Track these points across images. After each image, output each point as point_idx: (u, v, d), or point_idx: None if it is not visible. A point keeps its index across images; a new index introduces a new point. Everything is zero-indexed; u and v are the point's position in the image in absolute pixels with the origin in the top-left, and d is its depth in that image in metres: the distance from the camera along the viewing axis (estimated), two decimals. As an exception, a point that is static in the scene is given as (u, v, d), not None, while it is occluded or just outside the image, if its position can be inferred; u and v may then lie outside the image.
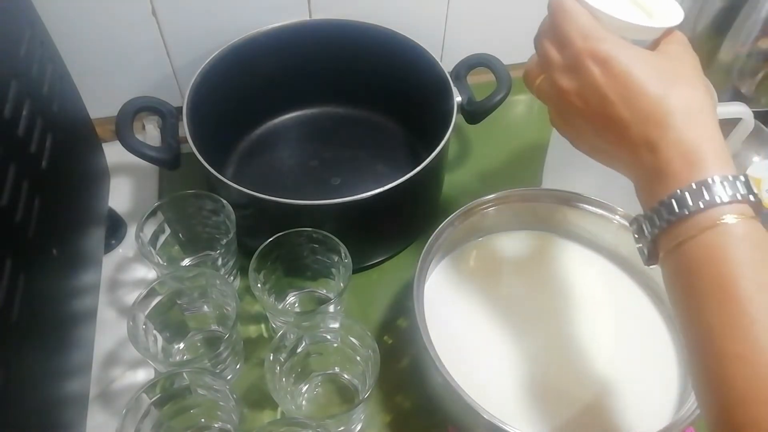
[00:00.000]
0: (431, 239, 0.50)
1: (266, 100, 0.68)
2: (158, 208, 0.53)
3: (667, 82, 0.31)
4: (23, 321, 0.35)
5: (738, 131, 0.57)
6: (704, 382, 0.29)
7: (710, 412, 0.29)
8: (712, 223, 0.28)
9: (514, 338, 0.51)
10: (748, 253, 0.28)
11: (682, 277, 0.30)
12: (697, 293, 0.29)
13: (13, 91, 0.39)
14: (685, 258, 0.29)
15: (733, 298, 0.27)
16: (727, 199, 0.28)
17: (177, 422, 0.46)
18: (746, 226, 0.28)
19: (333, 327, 0.49)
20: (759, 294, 0.27)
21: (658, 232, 0.30)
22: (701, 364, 0.29)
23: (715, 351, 0.28)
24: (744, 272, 0.28)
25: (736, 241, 0.28)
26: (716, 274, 0.28)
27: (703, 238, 0.28)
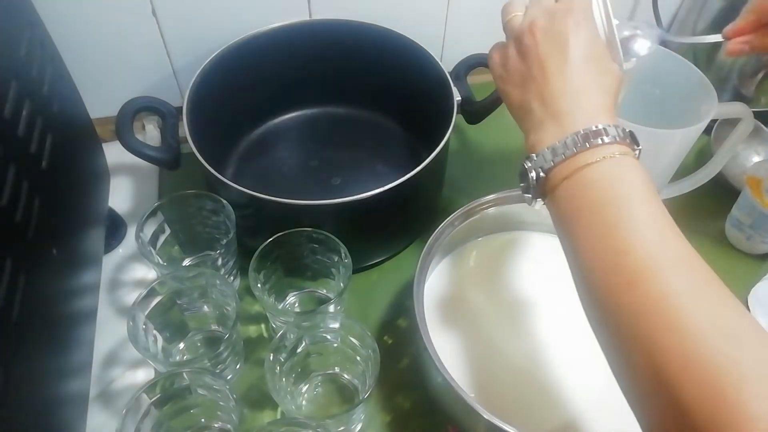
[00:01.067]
0: (431, 239, 0.50)
1: (266, 100, 0.68)
2: (158, 208, 0.53)
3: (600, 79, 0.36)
4: (23, 321, 0.35)
5: (738, 131, 0.57)
6: (596, 290, 0.32)
7: (604, 325, 0.32)
8: (598, 156, 0.33)
9: (514, 338, 0.51)
10: (632, 177, 0.33)
11: (570, 203, 0.34)
12: (584, 213, 0.33)
13: (13, 91, 0.39)
14: (573, 187, 0.33)
15: (619, 207, 0.31)
16: (617, 139, 0.33)
17: (177, 422, 0.46)
18: (629, 160, 0.33)
19: (333, 327, 0.49)
20: (640, 202, 0.31)
21: (553, 165, 0.34)
22: (591, 277, 0.32)
23: (603, 255, 0.31)
24: (628, 189, 0.32)
25: (620, 168, 0.33)
26: (602, 192, 0.32)
27: (592, 167, 0.33)
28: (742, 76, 0.69)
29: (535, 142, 0.36)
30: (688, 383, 0.26)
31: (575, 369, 0.49)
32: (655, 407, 0.28)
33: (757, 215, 0.59)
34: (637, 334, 0.29)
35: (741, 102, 0.55)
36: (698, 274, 0.29)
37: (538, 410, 0.47)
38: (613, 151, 0.33)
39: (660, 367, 0.28)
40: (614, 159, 0.33)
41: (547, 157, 0.34)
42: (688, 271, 0.29)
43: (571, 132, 0.34)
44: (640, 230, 0.31)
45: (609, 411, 0.47)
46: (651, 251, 0.30)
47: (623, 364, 0.31)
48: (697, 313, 0.28)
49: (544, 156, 0.35)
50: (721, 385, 0.26)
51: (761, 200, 0.58)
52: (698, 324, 0.27)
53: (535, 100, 0.37)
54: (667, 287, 0.29)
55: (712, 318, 0.28)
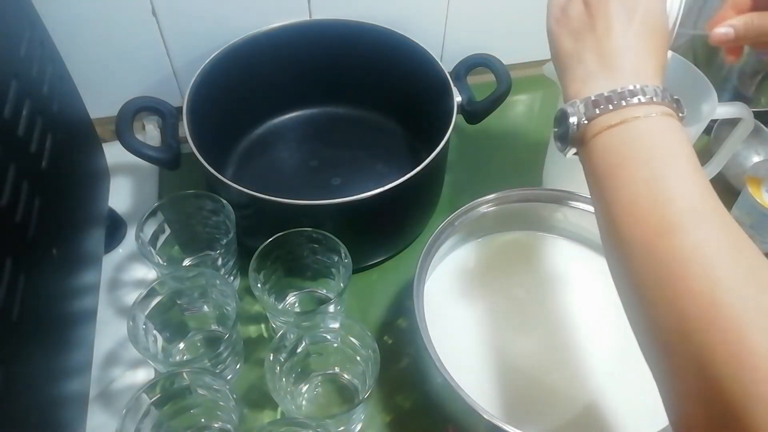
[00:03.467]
0: (431, 239, 0.50)
1: (266, 100, 0.68)
2: (158, 208, 0.53)
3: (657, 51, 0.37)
4: (23, 321, 0.35)
5: (738, 131, 0.57)
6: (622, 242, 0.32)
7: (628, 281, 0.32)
8: (647, 113, 0.33)
9: (514, 338, 0.51)
10: (679, 139, 0.33)
11: (615, 150, 0.33)
12: (628, 163, 0.33)
13: (13, 91, 0.39)
14: (622, 135, 0.33)
15: (660, 165, 0.32)
16: (661, 99, 0.33)
17: (177, 422, 0.46)
18: (677, 122, 0.34)
19: (333, 327, 0.49)
20: (682, 164, 0.32)
21: (598, 114, 0.34)
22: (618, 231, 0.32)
23: (635, 209, 0.31)
24: (673, 150, 0.32)
25: (669, 128, 0.33)
26: (645, 147, 0.32)
27: (644, 119, 0.33)
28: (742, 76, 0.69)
29: (581, 89, 0.36)
30: (712, 329, 0.27)
31: (576, 369, 0.49)
32: (677, 359, 0.28)
33: (757, 215, 0.59)
34: (668, 283, 0.29)
35: (741, 102, 0.55)
36: (736, 231, 0.30)
37: (538, 410, 0.47)
38: (659, 110, 0.33)
39: (687, 314, 0.28)
40: (659, 117, 0.33)
41: (592, 104, 0.34)
42: (727, 227, 0.30)
43: (622, 85, 0.34)
44: (683, 183, 0.31)
45: (609, 411, 0.47)
46: (693, 203, 0.30)
47: (648, 315, 0.30)
48: (732, 264, 0.28)
49: (588, 103, 0.34)
50: (746, 332, 0.26)
51: (761, 200, 0.58)
52: (731, 274, 0.28)
53: (590, 52, 0.36)
54: (706, 237, 0.29)
55: (746, 270, 0.28)
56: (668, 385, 0.29)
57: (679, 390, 0.29)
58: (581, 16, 0.38)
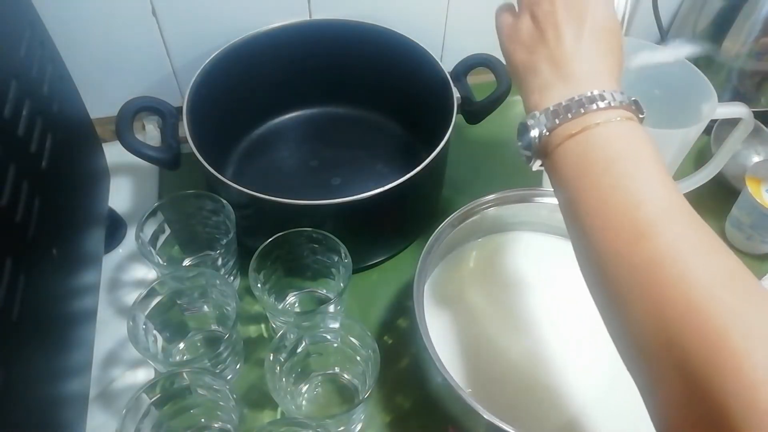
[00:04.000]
0: (431, 239, 0.50)
1: (266, 100, 0.68)
2: (158, 208, 0.53)
3: (612, 54, 0.37)
4: (23, 321, 0.35)
5: (738, 131, 0.57)
6: (594, 247, 0.32)
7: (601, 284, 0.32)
8: (607, 118, 0.33)
9: (514, 338, 0.51)
10: (640, 140, 0.33)
11: (580, 158, 0.33)
12: (589, 173, 0.33)
13: (13, 91, 0.39)
14: (585, 142, 0.33)
15: (625, 168, 0.32)
16: (619, 103, 0.33)
17: (177, 422, 0.46)
18: (637, 126, 0.34)
19: (333, 327, 0.49)
20: (646, 165, 0.32)
21: (557, 125, 0.34)
22: (590, 236, 0.32)
23: (605, 216, 0.31)
24: (636, 152, 0.32)
25: (629, 131, 0.33)
26: (608, 153, 0.32)
27: (602, 128, 0.33)
28: (742, 76, 0.69)
29: (539, 101, 0.36)
30: (692, 333, 0.26)
31: (575, 369, 0.49)
32: (657, 366, 0.28)
33: (757, 215, 0.59)
34: (643, 287, 0.29)
35: (741, 102, 0.55)
36: (708, 232, 0.30)
37: (538, 410, 0.47)
38: (619, 114, 0.33)
39: (665, 319, 0.27)
40: (620, 122, 0.33)
41: (552, 115, 0.34)
42: (699, 227, 0.30)
43: (580, 93, 0.34)
44: (651, 185, 0.31)
45: (609, 411, 0.47)
46: (663, 205, 0.30)
47: (626, 323, 0.30)
48: (708, 266, 0.28)
49: (547, 114, 0.35)
50: (726, 334, 0.26)
51: (761, 200, 0.58)
52: (707, 276, 0.27)
53: (544, 62, 0.37)
54: (679, 240, 0.29)
55: (721, 272, 0.28)
56: (651, 392, 0.29)
57: (663, 397, 0.28)
58: (531, 30, 0.38)
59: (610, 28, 0.37)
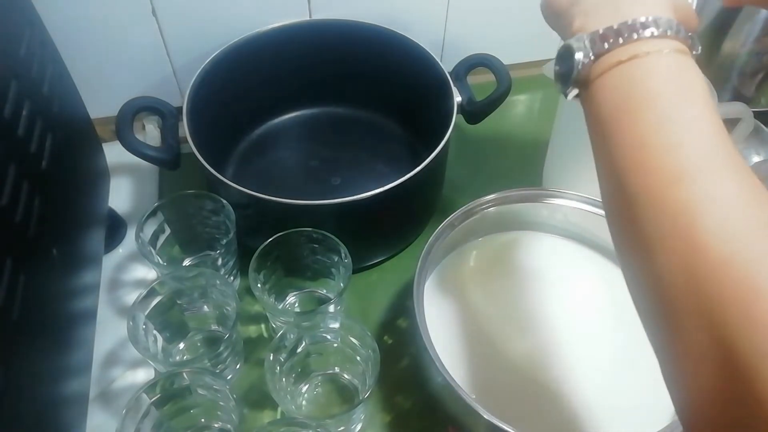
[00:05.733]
0: (431, 239, 0.50)
1: (266, 100, 0.68)
2: (158, 208, 0.53)
3: None
4: (23, 321, 0.35)
5: (738, 131, 0.57)
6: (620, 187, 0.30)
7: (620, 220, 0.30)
8: (653, 48, 0.30)
9: (514, 338, 0.51)
10: (694, 73, 0.30)
11: (623, 89, 0.31)
12: (636, 103, 0.30)
13: (13, 91, 0.39)
14: (631, 72, 0.30)
15: (664, 109, 0.29)
16: (671, 34, 0.30)
17: (177, 422, 0.46)
18: (687, 58, 0.31)
19: (333, 327, 0.49)
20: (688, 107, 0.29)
21: (606, 49, 0.31)
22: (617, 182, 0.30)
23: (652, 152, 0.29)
24: (681, 90, 0.30)
25: (677, 65, 0.30)
26: (666, 80, 0.30)
27: (645, 59, 0.30)
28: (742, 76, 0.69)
29: (584, 24, 0.33)
30: (724, 286, 0.25)
31: (575, 369, 0.49)
32: (685, 319, 0.26)
33: (757, 215, 0.59)
34: (675, 234, 0.27)
35: (741, 102, 0.55)
36: (752, 182, 0.28)
37: (538, 410, 0.47)
38: (671, 45, 0.30)
39: (696, 269, 0.26)
40: (670, 54, 0.30)
41: (600, 38, 0.31)
42: (742, 177, 0.28)
43: (632, 17, 0.31)
44: (695, 126, 0.28)
45: (609, 411, 0.47)
46: (705, 149, 0.28)
47: (652, 270, 0.28)
48: (744, 216, 0.26)
49: (595, 37, 0.31)
50: (761, 290, 0.24)
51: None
52: (743, 226, 0.26)
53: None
54: (717, 187, 0.27)
55: (760, 225, 0.26)
56: (670, 345, 0.28)
57: (682, 350, 0.27)
58: None
59: None
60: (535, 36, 0.55)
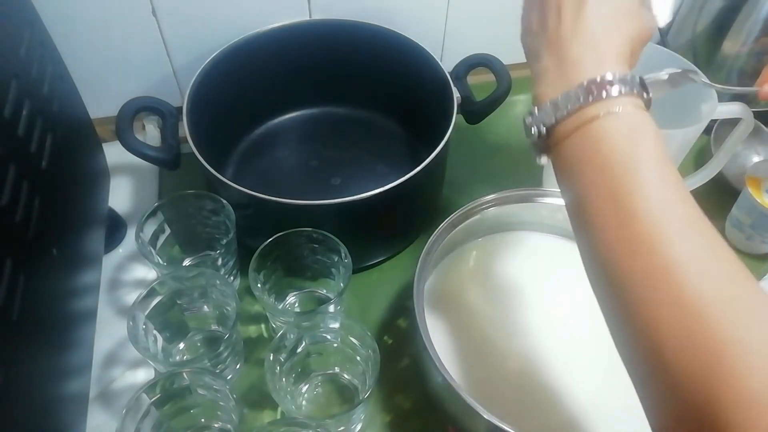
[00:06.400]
0: (431, 239, 0.50)
1: (266, 100, 0.68)
2: (158, 208, 0.53)
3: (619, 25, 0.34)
4: (23, 321, 0.35)
5: (738, 131, 0.57)
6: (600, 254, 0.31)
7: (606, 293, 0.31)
8: (608, 109, 0.31)
9: (514, 338, 0.51)
10: (644, 134, 0.31)
11: (576, 159, 0.32)
12: (591, 171, 0.31)
13: (13, 91, 0.39)
14: (581, 141, 0.32)
15: (628, 166, 0.30)
16: (624, 92, 0.31)
17: (177, 422, 0.46)
18: (641, 115, 0.31)
19: (333, 327, 0.49)
20: (651, 164, 0.30)
21: (556, 120, 0.33)
22: (596, 238, 0.31)
23: (609, 218, 0.30)
24: (638, 148, 0.30)
25: (632, 124, 0.31)
26: (611, 149, 0.31)
27: (601, 122, 0.31)
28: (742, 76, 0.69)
29: (539, 94, 0.34)
30: (686, 356, 0.26)
31: (575, 369, 0.49)
32: (653, 385, 0.28)
33: (757, 215, 0.59)
34: (639, 305, 0.28)
35: (741, 102, 0.55)
36: (706, 242, 0.28)
37: (538, 410, 0.47)
38: (620, 104, 0.31)
39: (660, 341, 0.27)
40: (621, 114, 0.31)
41: (549, 112, 0.33)
42: (696, 239, 0.28)
43: (575, 84, 0.32)
44: (646, 193, 0.29)
45: (609, 411, 0.47)
46: (657, 217, 0.29)
47: (624, 337, 0.30)
48: (702, 285, 0.27)
49: (545, 110, 0.33)
50: (721, 358, 0.25)
51: (761, 200, 0.58)
52: (702, 296, 0.26)
53: (544, 46, 0.35)
54: (673, 257, 0.28)
55: (716, 290, 0.27)
56: (645, 395, 0.29)
57: (657, 407, 0.29)
58: (538, 14, 0.36)
59: (619, 5, 0.34)
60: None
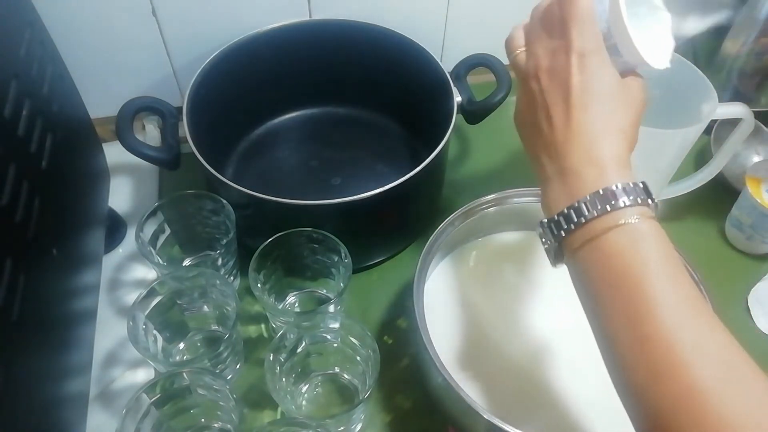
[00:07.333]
0: (431, 239, 0.50)
1: (266, 100, 0.68)
2: (158, 208, 0.53)
3: (610, 120, 0.34)
4: (23, 321, 0.35)
5: (738, 131, 0.57)
6: (621, 371, 0.32)
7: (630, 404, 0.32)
8: (616, 222, 0.31)
9: (514, 338, 0.51)
10: (653, 247, 0.31)
11: (589, 272, 0.33)
12: (604, 285, 0.32)
13: (13, 91, 0.39)
14: (592, 255, 0.32)
15: (639, 285, 0.30)
16: (629, 203, 0.31)
17: (177, 422, 0.46)
18: (648, 225, 0.32)
19: (333, 327, 0.49)
20: (662, 281, 0.30)
21: (565, 234, 0.33)
22: (615, 353, 0.32)
23: (626, 336, 0.31)
24: (648, 263, 0.31)
25: (640, 237, 0.31)
26: (622, 265, 0.31)
27: (610, 235, 0.31)
28: (742, 76, 0.69)
29: (548, 203, 0.35)
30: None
31: (575, 369, 0.49)
32: None
33: (757, 215, 0.59)
34: (664, 427, 0.29)
35: (741, 102, 0.55)
36: (724, 357, 0.29)
37: (538, 410, 0.47)
38: (626, 215, 0.31)
39: None
40: (630, 226, 0.31)
41: (560, 223, 0.33)
42: (713, 356, 0.29)
43: (581, 195, 0.32)
44: (660, 315, 0.29)
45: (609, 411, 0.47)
46: (672, 340, 0.29)
47: None
48: (725, 407, 0.27)
49: (555, 221, 0.34)
50: None
51: (761, 200, 0.58)
52: (726, 418, 0.27)
53: (543, 153, 0.35)
54: (692, 382, 0.28)
55: (739, 410, 0.27)
56: None
57: None
58: (528, 114, 0.36)
59: (605, 91, 0.33)
60: (535, 36, 0.55)
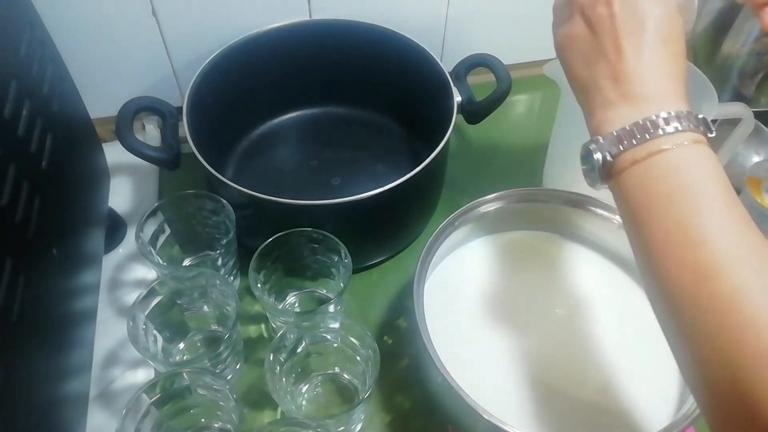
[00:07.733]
0: (431, 239, 0.50)
1: (266, 100, 0.68)
2: (158, 208, 0.53)
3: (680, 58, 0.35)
4: (23, 321, 0.35)
5: (738, 131, 0.57)
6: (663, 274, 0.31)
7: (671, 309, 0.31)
8: (681, 141, 0.32)
9: (515, 338, 0.51)
10: (713, 165, 0.32)
11: (646, 185, 0.32)
12: (661, 197, 0.31)
13: (13, 91, 0.39)
14: (648, 170, 0.32)
15: (696, 195, 0.31)
16: (693, 127, 0.32)
17: (177, 422, 0.46)
18: (709, 150, 0.32)
19: (333, 327, 0.49)
20: (719, 192, 0.31)
21: (624, 149, 0.33)
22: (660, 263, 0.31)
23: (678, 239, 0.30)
24: (712, 176, 0.31)
25: (706, 154, 0.32)
26: (683, 177, 0.31)
27: (670, 152, 0.32)
28: (742, 76, 0.69)
29: (603, 122, 0.34)
30: (762, 379, 0.26)
31: (575, 369, 0.49)
32: (726, 405, 0.28)
33: (757, 215, 0.59)
34: (711, 330, 0.28)
35: (741, 102, 0.55)
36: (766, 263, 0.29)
37: (538, 410, 0.47)
38: (686, 138, 0.32)
39: (735, 363, 0.27)
40: (687, 146, 0.32)
41: (614, 141, 0.33)
42: (764, 266, 0.29)
43: (643, 117, 0.32)
44: (715, 221, 0.30)
45: (609, 411, 0.47)
46: (726, 244, 0.29)
47: (695, 361, 0.30)
48: (757, 310, 0.27)
49: (610, 140, 0.33)
50: None
51: (761, 200, 0.58)
52: (759, 319, 0.27)
53: (605, 78, 0.34)
54: (743, 282, 0.28)
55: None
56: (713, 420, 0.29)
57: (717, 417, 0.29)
58: (587, 38, 0.35)
59: (675, 35, 0.34)
60: (535, 36, 0.55)
